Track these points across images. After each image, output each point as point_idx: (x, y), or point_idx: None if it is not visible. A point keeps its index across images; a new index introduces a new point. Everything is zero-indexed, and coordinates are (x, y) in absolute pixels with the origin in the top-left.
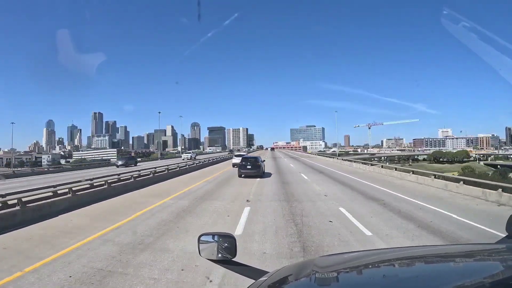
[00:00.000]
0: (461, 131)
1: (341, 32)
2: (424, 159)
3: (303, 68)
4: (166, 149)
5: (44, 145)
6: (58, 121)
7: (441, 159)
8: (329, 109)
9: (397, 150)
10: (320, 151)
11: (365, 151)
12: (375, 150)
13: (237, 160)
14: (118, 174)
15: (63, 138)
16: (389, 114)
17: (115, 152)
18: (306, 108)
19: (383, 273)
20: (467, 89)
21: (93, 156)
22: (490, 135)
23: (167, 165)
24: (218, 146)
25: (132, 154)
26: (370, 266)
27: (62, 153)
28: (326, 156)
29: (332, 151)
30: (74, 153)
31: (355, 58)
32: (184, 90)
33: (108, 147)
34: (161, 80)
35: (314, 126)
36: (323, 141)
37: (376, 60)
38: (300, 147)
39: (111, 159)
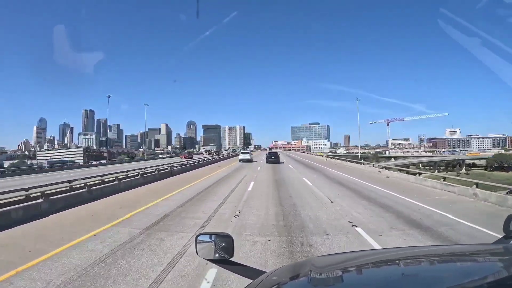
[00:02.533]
0: (460, 132)
1: (340, 32)
2: (474, 164)
3: (302, 68)
4: (156, 149)
5: (34, 144)
6: (53, 119)
7: (504, 165)
8: (328, 109)
9: (423, 151)
10: (331, 152)
11: (387, 153)
12: (399, 152)
13: (242, 156)
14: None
15: (54, 137)
16: (388, 114)
17: (81, 152)
18: (305, 108)
19: (381, 273)
20: (465, 90)
21: (53, 157)
22: (502, 135)
23: None
24: (213, 145)
25: (104, 155)
26: (368, 266)
27: (27, 152)
28: (362, 164)
29: (348, 153)
30: (38, 153)
31: (354, 58)
32: (181, 89)
33: (95, 146)
34: (158, 78)
35: (318, 123)
36: (328, 141)
37: (374, 61)
38: (303, 146)
39: (76, 161)
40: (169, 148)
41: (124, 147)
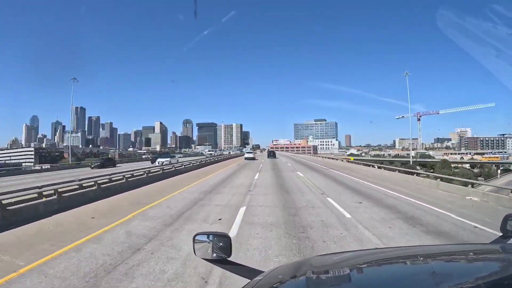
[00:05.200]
0: (470, 132)
1: (338, 31)
2: None
3: (301, 67)
4: (144, 148)
5: (23, 142)
6: (47, 117)
7: None
8: (328, 108)
9: (474, 154)
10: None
11: (443, 156)
12: (441, 154)
13: (248, 155)
14: None
15: (45, 135)
16: (387, 114)
17: (32, 152)
18: (304, 107)
19: (379, 272)
20: (463, 90)
21: (4, 158)
22: None
23: None
24: (208, 145)
25: (65, 156)
26: (366, 266)
27: None
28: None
29: (375, 155)
30: None
31: (353, 58)
32: (179, 87)
33: (81, 145)
34: (156, 77)
35: (325, 120)
36: (337, 140)
37: (373, 61)
38: (309, 146)
39: (25, 163)
40: (158, 147)
41: (117, 146)
